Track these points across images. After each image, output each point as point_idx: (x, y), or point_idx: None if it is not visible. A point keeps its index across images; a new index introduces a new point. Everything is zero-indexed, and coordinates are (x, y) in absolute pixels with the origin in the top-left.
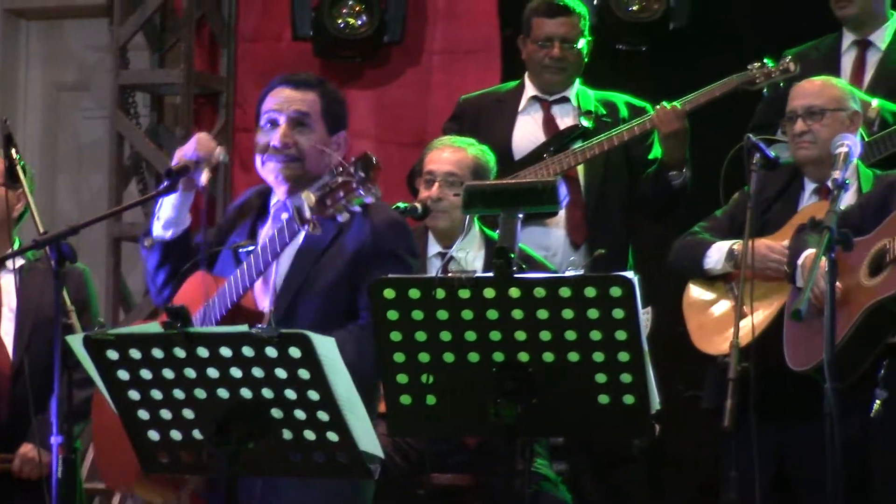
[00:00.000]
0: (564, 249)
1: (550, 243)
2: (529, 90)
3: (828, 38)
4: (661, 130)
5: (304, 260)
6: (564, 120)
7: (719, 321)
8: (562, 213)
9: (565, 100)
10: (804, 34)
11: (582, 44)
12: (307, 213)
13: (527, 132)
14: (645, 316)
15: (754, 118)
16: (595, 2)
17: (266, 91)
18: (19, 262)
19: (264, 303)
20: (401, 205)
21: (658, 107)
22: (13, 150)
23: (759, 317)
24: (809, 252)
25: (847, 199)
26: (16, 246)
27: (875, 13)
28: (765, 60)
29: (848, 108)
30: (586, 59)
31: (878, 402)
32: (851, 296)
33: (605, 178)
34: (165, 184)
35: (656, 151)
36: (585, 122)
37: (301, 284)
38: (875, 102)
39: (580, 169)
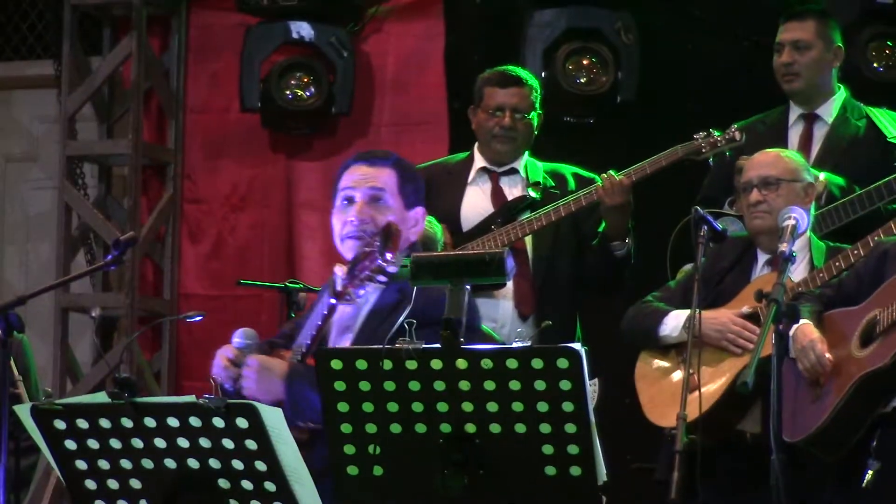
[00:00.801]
0: (512, 321)
1: (498, 315)
2: (478, 161)
3: (774, 112)
4: (605, 202)
5: (373, 321)
6: (513, 191)
7: (671, 393)
8: (510, 284)
9: (514, 171)
10: (751, 107)
11: (532, 116)
12: (339, 286)
13: (475, 203)
14: (592, 387)
15: (701, 191)
16: (543, 74)
17: (342, 169)
18: None
19: None
20: None
21: (604, 176)
22: None
23: (710, 388)
24: (802, 323)
25: (798, 272)
26: None
27: (821, 87)
28: (711, 130)
29: (802, 179)
30: (536, 132)
31: (870, 472)
32: (843, 366)
33: (554, 249)
34: (113, 254)
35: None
36: (533, 194)
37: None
38: (822, 176)
39: (528, 240)
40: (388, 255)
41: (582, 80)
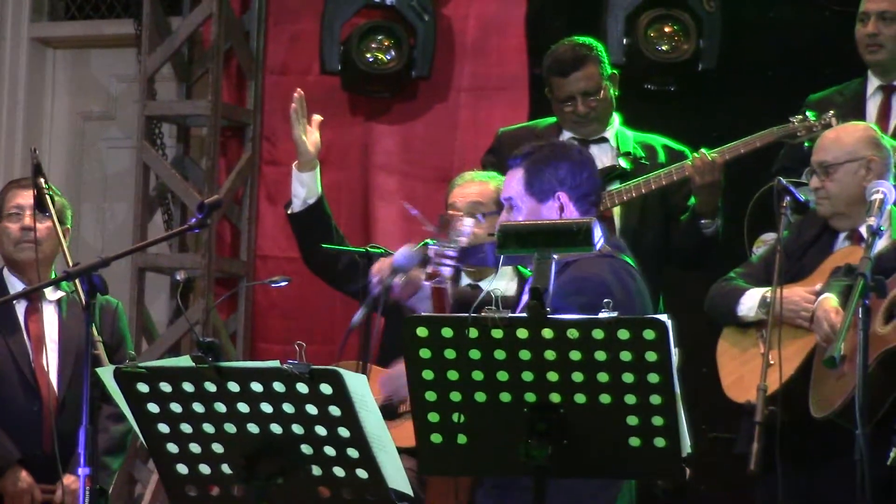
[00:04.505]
0: None
1: None
2: (566, 132)
3: (852, 84)
4: (695, 180)
5: None
6: (602, 160)
7: (751, 369)
8: None
9: (604, 140)
10: (831, 77)
11: (606, 87)
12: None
13: None
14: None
15: (779, 160)
16: (625, 41)
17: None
18: (59, 294)
19: None
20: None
21: (696, 155)
22: (42, 180)
23: (788, 363)
24: (825, 296)
25: (881, 245)
26: (52, 277)
27: None
28: (807, 113)
29: (861, 156)
30: (615, 95)
31: (894, 450)
32: (870, 342)
33: (641, 221)
34: (197, 217)
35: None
36: (623, 164)
37: None
38: None
39: (616, 211)
40: (447, 241)
41: (664, 48)
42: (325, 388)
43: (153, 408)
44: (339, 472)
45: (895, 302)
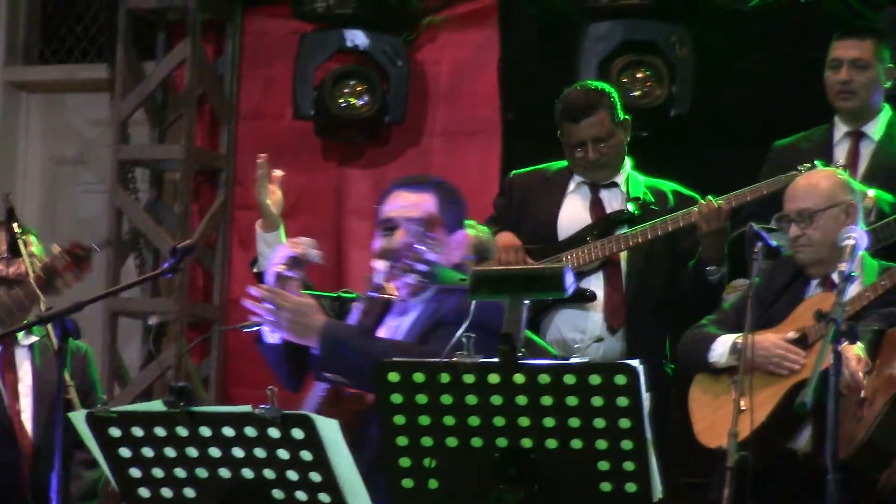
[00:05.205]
0: (601, 334)
1: (588, 327)
2: (577, 176)
3: (819, 130)
4: (702, 226)
5: (416, 327)
6: (612, 204)
7: (722, 415)
8: (601, 297)
9: (614, 185)
10: (802, 124)
11: (617, 134)
12: (378, 279)
13: (573, 213)
14: (645, 402)
15: (748, 206)
16: None
17: (384, 194)
18: (33, 339)
19: None
20: None
21: (702, 202)
22: (15, 225)
23: (760, 409)
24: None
25: (852, 291)
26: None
27: (872, 106)
28: (815, 162)
29: (841, 201)
30: (628, 139)
31: None
32: (881, 384)
33: (647, 265)
34: (170, 262)
35: None
36: (632, 208)
37: None
38: (871, 192)
39: (623, 255)
40: (425, 246)
41: (636, 93)
42: (297, 433)
43: (125, 452)
44: None
45: None
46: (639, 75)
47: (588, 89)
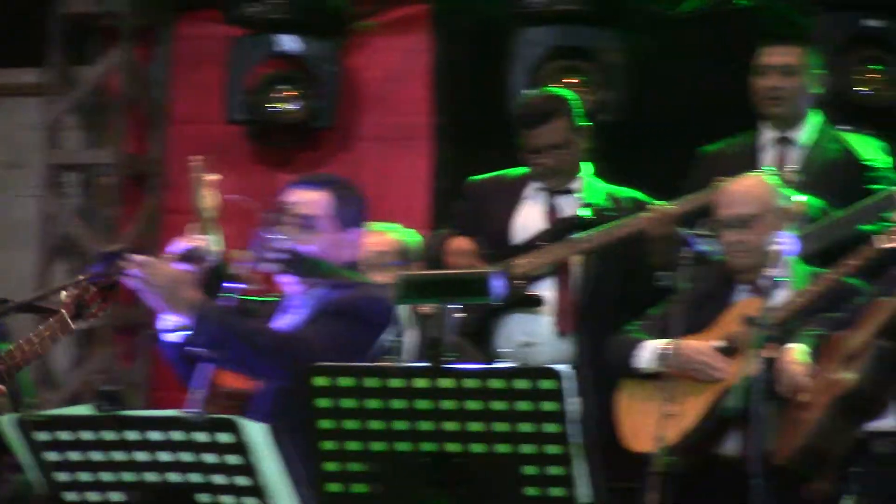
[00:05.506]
0: (551, 338)
1: (537, 331)
2: (535, 182)
3: (746, 136)
4: (651, 232)
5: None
6: (568, 210)
7: (650, 421)
8: (551, 301)
9: (572, 191)
10: (733, 130)
11: (575, 141)
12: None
13: (529, 219)
14: (574, 406)
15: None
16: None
17: (282, 194)
18: None
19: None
20: None
21: (651, 208)
22: None
23: (689, 413)
24: (790, 346)
25: (782, 296)
26: None
27: (801, 112)
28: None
29: (775, 206)
30: (586, 147)
31: (849, 498)
32: (822, 387)
33: (599, 270)
34: (100, 266)
35: None
36: (584, 214)
37: None
38: (801, 198)
39: (575, 260)
40: (274, 236)
41: None
42: (224, 437)
43: (52, 456)
44: None
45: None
46: (571, 81)
47: (546, 96)
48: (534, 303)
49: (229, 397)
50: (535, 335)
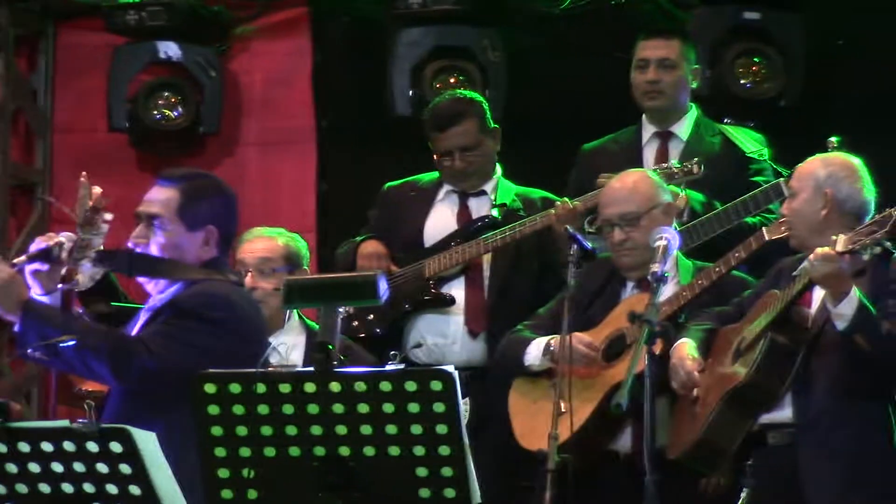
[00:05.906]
0: (463, 338)
1: (449, 331)
2: (447, 185)
3: (627, 131)
4: (557, 228)
5: None
6: (480, 211)
7: (542, 419)
8: (461, 301)
9: (483, 192)
10: (615, 125)
11: (485, 144)
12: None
13: (440, 221)
14: (463, 407)
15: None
16: (410, 93)
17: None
18: None
19: None
20: None
21: (558, 203)
22: None
23: (580, 411)
24: (681, 342)
25: (667, 291)
26: None
27: (679, 106)
28: (671, 163)
29: (660, 202)
30: (498, 148)
31: (745, 491)
32: (719, 382)
33: (511, 270)
34: None
35: None
36: (495, 214)
37: None
38: (683, 193)
39: (486, 259)
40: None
41: None
42: (115, 447)
43: None
44: None
45: (741, 341)
46: (452, 80)
47: (455, 98)
48: (445, 303)
49: (88, 398)
50: (447, 335)
